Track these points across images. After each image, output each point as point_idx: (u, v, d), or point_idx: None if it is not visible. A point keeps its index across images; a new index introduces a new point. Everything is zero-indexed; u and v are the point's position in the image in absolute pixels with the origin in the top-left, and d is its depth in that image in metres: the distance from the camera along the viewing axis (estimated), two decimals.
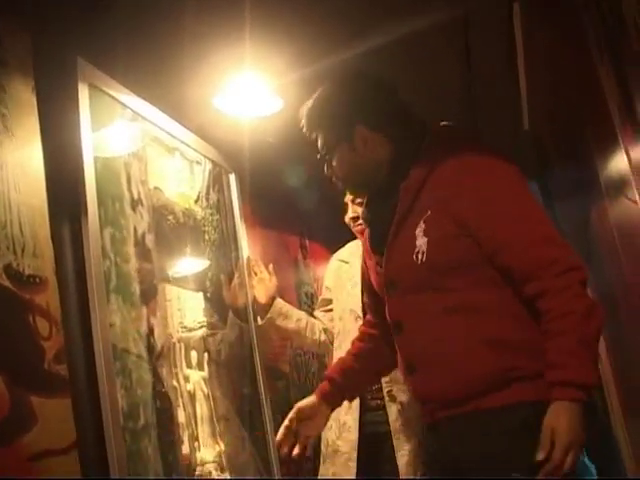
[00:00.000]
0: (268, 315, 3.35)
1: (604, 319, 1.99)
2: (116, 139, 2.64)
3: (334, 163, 2.32)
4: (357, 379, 2.63)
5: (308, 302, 4.48)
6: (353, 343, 2.70)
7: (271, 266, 3.48)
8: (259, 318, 3.40)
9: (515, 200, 2.09)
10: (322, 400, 2.58)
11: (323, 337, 3.47)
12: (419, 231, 2.11)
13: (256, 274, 3.43)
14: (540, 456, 1.86)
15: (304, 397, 2.63)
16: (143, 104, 2.82)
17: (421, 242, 2.10)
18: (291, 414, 2.56)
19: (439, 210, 2.09)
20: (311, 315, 3.57)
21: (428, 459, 2.33)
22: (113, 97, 2.63)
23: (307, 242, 4.80)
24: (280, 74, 3.13)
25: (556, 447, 1.85)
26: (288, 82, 3.20)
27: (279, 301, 3.40)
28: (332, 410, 2.62)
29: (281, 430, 2.56)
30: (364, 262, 2.54)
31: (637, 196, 2.41)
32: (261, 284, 3.40)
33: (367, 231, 2.40)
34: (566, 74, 3.14)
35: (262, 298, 3.37)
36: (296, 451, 2.49)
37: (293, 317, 3.41)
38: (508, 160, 2.16)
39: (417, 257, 2.11)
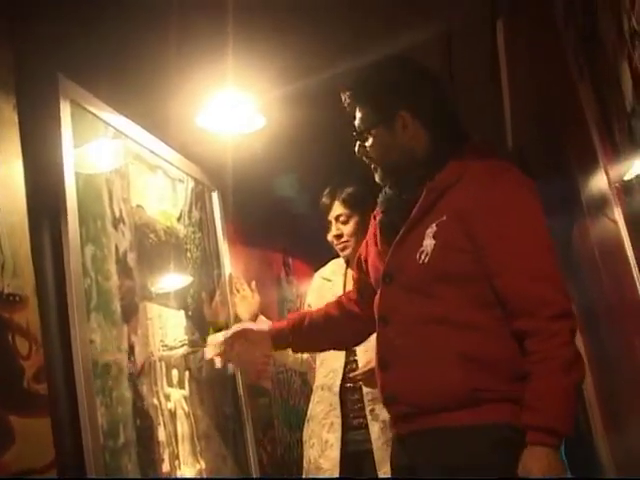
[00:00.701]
0: None
1: (584, 373, 2.00)
2: (98, 157, 2.64)
3: (369, 142, 2.24)
4: (313, 334, 2.59)
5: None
6: (327, 305, 2.67)
7: (253, 283, 3.48)
8: None
9: (529, 232, 2.06)
10: (271, 332, 2.59)
11: (305, 355, 3.47)
12: (429, 232, 2.09)
13: (238, 291, 3.43)
14: None
15: (286, 415, 2.62)
16: (125, 122, 2.82)
17: (428, 243, 2.09)
18: (236, 332, 2.60)
19: (455, 219, 2.07)
20: None
21: (397, 470, 2.29)
22: (95, 114, 2.63)
23: (290, 259, 4.80)
24: (263, 92, 3.14)
25: None
26: (271, 99, 3.21)
27: (261, 318, 3.39)
28: (274, 347, 2.63)
29: (220, 337, 2.60)
30: (365, 244, 2.49)
31: (616, 215, 2.43)
32: (243, 302, 3.40)
33: (380, 218, 2.33)
34: (548, 91, 3.16)
35: (244, 315, 3.37)
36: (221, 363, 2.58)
37: None
38: (534, 189, 2.14)
39: (420, 257, 2.10)
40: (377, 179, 2.29)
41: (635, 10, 1.79)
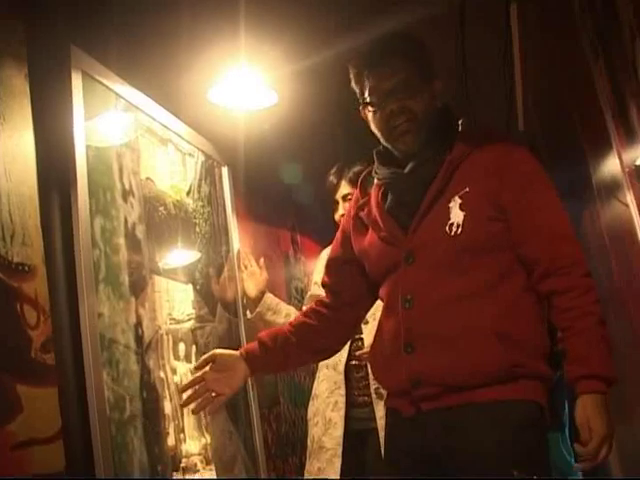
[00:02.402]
0: (257, 309, 3.35)
1: None
2: (109, 129, 2.63)
3: (412, 102, 2.14)
4: (288, 351, 2.38)
5: (298, 297, 4.48)
6: (296, 317, 2.54)
7: (262, 260, 3.47)
8: (248, 312, 3.40)
9: (547, 194, 2.09)
10: (245, 358, 2.33)
11: None
12: (453, 205, 2.06)
13: (246, 267, 3.43)
14: (580, 449, 1.90)
15: (292, 392, 2.57)
16: (137, 94, 2.81)
17: (456, 215, 2.05)
18: (206, 358, 2.31)
19: (479, 189, 2.06)
20: (300, 310, 3.56)
21: (404, 453, 2.22)
22: (107, 86, 2.62)
23: (299, 237, 4.79)
24: (275, 67, 3.13)
25: (593, 440, 1.88)
26: (283, 76, 3.19)
27: (269, 295, 3.39)
28: (251, 374, 2.36)
29: (191, 378, 2.39)
30: (348, 238, 2.38)
31: (629, 199, 2.42)
32: (251, 278, 3.40)
33: (389, 202, 2.22)
34: (561, 76, 3.14)
35: (252, 292, 3.37)
36: (200, 408, 2.30)
37: (282, 312, 3.40)
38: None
39: (450, 229, 2.05)
40: (405, 147, 2.16)
41: None
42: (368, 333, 3.18)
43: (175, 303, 2.85)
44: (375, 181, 2.27)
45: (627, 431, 3.47)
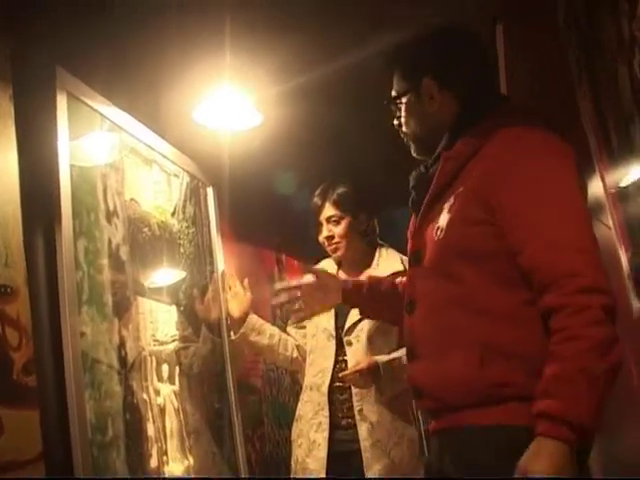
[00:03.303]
0: (241, 330, 3.35)
1: (620, 360, 1.71)
2: (93, 149, 2.63)
3: (401, 113, 2.15)
4: (388, 303, 2.45)
5: (283, 317, 4.47)
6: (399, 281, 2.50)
7: (246, 281, 3.47)
8: (232, 332, 3.39)
9: (557, 200, 1.82)
10: (347, 284, 2.54)
11: (295, 354, 3.47)
12: (447, 206, 1.94)
13: (230, 288, 3.42)
14: None
15: (276, 413, 2.57)
16: (122, 115, 2.81)
17: (443, 218, 1.93)
18: (312, 270, 2.55)
19: (471, 190, 1.89)
20: (284, 331, 3.56)
21: (427, 469, 2.16)
22: (92, 107, 2.62)
23: (284, 256, 4.80)
24: (260, 88, 3.14)
25: None
26: (268, 96, 3.20)
27: (253, 316, 3.39)
28: (343, 300, 2.56)
29: (292, 282, 2.54)
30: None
31: (611, 221, 2.43)
32: (235, 299, 3.39)
33: (411, 197, 2.17)
34: (545, 97, 3.16)
35: (236, 313, 3.36)
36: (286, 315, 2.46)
37: (266, 333, 3.40)
38: (567, 155, 1.92)
39: (436, 233, 1.95)
40: (412, 153, 2.18)
41: (636, 16, 1.79)
42: (352, 355, 3.19)
43: (159, 324, 2.84)
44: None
45: (610, 455, 3.46)
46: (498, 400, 1.82)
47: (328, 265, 3.49)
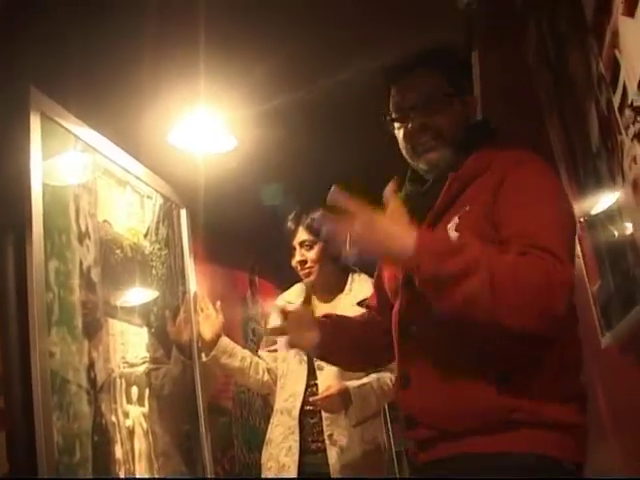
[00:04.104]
0: (213, 352, 3.34)
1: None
2: (67, 170, 2.63)
3: (439, 117, 2.04)
4: (344, 340, 2.30)
5: (254, 339, 4.48)
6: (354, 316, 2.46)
7: (218, 303, 3.46)
8: (204, 355, 3.38)
9: (541, 205, 1.82)
10: (319, 321, 2.31)
11: (266, 377, 3.47)
12: (451, 226, 1.88)
13: (202, 310, 3.42)
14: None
15: (246, 435, 2.55)
16: (96, 136, 2.82)
17: (451, 237, 1.86)
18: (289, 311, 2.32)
19: (477, 207, 1.87)
20: (255, 354, 3.56)
21: None
22: (65, 128, 2.62)
23: (257, 279, 4.81)
24: (234, 111, 3.16)
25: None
26: (242, 120, 3.22)
27: (224, 339, 3.38)
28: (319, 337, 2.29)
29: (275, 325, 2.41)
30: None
31: (580, 250, 2.46)
32: (207, 321, 3.38)
33: None
34: (518, 127, 3.20)
35: (207, 335, 3.35)
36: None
37: (237, 355, 3.40)
38: (556, 176, 1.98)
39: None
40: (429, 167, 2.05)
41: (602, 55, 1.83)
42: (323, 379, 3.19)
43: (129, 346, 2.84)
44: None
45: None
46: (506, 426, 1.75)
47: (300, 288, 3.50)
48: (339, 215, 1.75)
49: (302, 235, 3.34)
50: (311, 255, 3.33)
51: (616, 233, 2.11)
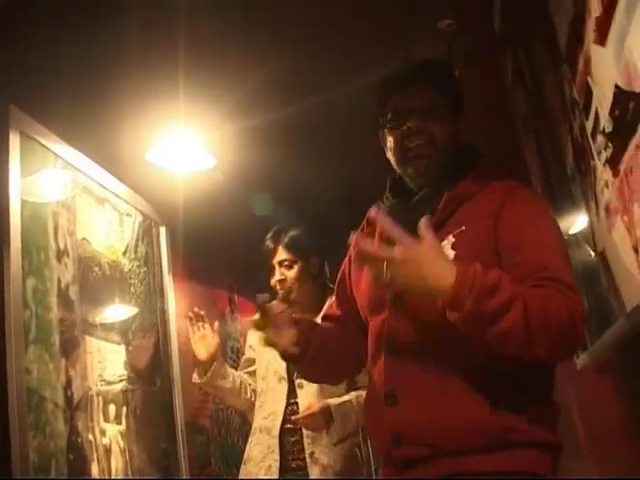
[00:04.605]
0: (209, 374, 3.29)
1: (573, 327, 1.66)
2: (46, 188, 2.63)
3: (434, 124, 2.01)
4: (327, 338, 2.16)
5: (234, 357, 4.47)
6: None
7: (216, 324, 3.39)
8: (196, 375, 3.33)
9: (544, 232, 1.82)
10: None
11: (253, 397, 3.45)
12: (446, 243, 1.86)
13: (198, 329, 3.36)
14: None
15: (224, 453, 2.52)
16: (76, 154, 2.82)
17: (448, 255, 1.82)
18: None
19: (475, 228, 1.86)
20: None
21: None
22: (45, 146, 2.63)
23: (236, 296, 4.80)
24: (213, 131, 3.17)
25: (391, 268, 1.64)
26: (221, 139, 3.23)
27: (220, 360, 3.33)
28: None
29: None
30: (348, 269, 2.22)
31: None
32: (202, 341, 3.31)
33: (378, 232, 2.03)
34: (496, 149, 3.22)
35: (202, 355, 3.27)
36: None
37: (230, 377, 3.36)
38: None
39: None
40: (417, 172, 2.01)
41: (576, 82, 1.85)
42: (303, 397, 3.17)
43: (107, 364, 2.84)
44: (382, 210, 2.04)
45: None
46: (504, 445, 1.72)
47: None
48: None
49: (281, 254, 3.32)
50: (291, 274, 3.31)
51: (590, 256, 2.13)
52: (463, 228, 1.87)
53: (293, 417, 3.15)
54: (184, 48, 2.66)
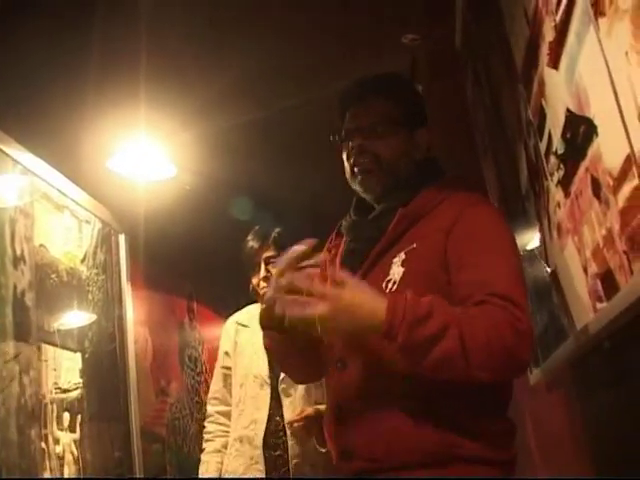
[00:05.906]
0: None
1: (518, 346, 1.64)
2: (3, 193, 2.62)
3: (382, 141, 2.01)
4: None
5: (191, 365, 4.46)
6: None
7: None
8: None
9: (494, 249, 1.80)
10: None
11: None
12: (397, 260, 1.86)
13: None
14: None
15: (180, 461, 2.49)
16: (35, 160, 2.81)
17: (395, 272, 1.84)
18: None
19: (426, 245, 1.84)
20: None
21: None
22: (3, 151, 2.62)
23: (195, 305, 4.79)
24: (174, 139, 3.17)
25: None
26: (182, 149, 3.23)
27: None
28: None
29: None
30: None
31: None
32: None
33: (346, 246, 2.04)
34: (455, 165, 3.26)
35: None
36: None
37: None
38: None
39: (387, 286, 1.83)
40: (364, 188, 2.02)
41: (530, 103, 1.88)
42: (287, 407, 3.10)
43: (62, 372, 2.82)
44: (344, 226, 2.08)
45: None
46: (447, 460, 1.72)
47: (253, 310, 3.29)
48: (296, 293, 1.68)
49: (269, 251, 3.22)
50: None
51: (542, 274, 2.16)
52: (414, 245, 1.86)
53: (287, 421, 3.05)
54: (145, 55, 2.66)
